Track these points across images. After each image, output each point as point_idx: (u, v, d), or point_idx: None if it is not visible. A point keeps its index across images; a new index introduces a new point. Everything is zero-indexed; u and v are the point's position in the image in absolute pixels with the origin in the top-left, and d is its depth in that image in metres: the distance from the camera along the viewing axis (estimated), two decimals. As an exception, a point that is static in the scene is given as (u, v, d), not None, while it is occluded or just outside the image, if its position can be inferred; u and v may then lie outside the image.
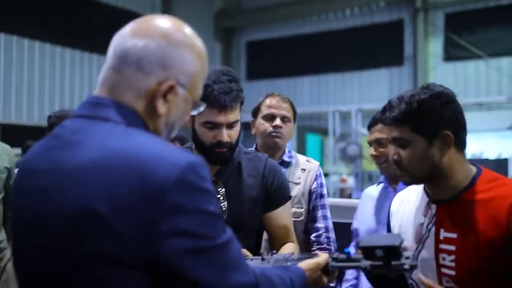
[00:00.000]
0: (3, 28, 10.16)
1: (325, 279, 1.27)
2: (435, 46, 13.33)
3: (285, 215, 1.73)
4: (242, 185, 1.67)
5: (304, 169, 2.26)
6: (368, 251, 1.17)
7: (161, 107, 0.95)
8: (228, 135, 1.59)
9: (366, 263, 1.18)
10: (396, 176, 1.69)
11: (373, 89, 13.83)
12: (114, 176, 0.83)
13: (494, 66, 12.41)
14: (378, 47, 13.59)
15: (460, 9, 12.84)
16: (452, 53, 13.00)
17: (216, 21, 15.88)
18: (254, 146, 2.28)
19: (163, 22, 0.98)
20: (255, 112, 2.26)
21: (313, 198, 2.24)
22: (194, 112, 1.08)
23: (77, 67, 11.38)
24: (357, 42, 13.79)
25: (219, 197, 1.64)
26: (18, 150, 8.62)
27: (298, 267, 1.19)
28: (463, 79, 12.86)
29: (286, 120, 2.22)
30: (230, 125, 1.59)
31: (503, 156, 7.99)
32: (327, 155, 10.64)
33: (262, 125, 2.20)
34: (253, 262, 1.35)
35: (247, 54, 16.24)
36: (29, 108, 10.55)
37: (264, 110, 2.22)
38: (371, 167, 9.38)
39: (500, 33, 12.26)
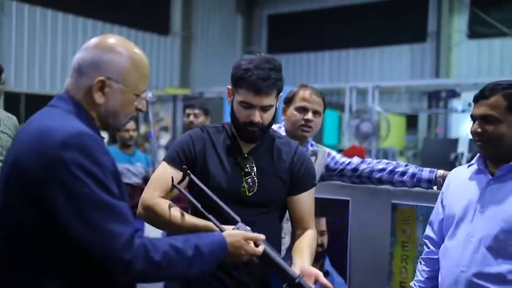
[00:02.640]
0: (38, 3, 10.38)
1: (249, 248, 1.44)
2: (459, 22, 13.01)
3: (308, 201, 1.84)
4: (272, 165, 1.80)
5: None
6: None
7: (99, 98, 1.31)
8: (260, 117, 1.71)
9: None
10: (499, 159, 1.71)
11: (393, 66, 13.65)
12: (31, 140, 1.22)
13: (520, 44, 12.10)
14: (400, 22, 13.33)
15: (487, -16, 12.48)
16: (477, 30, 12.68)
17: (238, -7, 15.79)
18: (282, 128, 2.36)
19: (99, 37, 1.35)
20: (288, 101, 2.34)
21: (334, 164, 2.38)
22: (143, 101, 1.37)
23: (99, 39, 11.56)
24: (380, 17, 13.56)
25: (250, 172, 1.76)
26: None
27: (218, 233, 1.44)
28: (487, 57, 12.57)
29: (316, 114, 2.31)
30: (263, 108, 1.71)
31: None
32: (344, 132, 10.66)
33: (294, 116, 2.29)
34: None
35: (268, 27, 16.13)
36: (52, 78, 10.80)
37: (298, 102, 2.30)
38: (384, 144, 9.38)
39: (528, 10, 11.90)
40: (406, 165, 2.28)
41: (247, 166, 1.77)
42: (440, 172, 2.19)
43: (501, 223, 1.65)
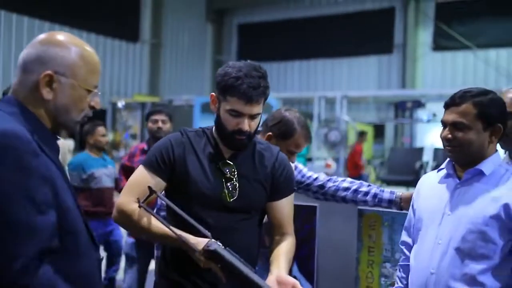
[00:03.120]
0: (4, 6, 10.19)
1: None
2: (424, 35, 13.40)
3: (288, 207, 1.84)
4: (253, 171, 1.78)
5: None
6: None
7: (47, 94, 1.24)
8: (248, 125, 1.70)
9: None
10: (467, 163, 1.77)
11: (361, 76, 13.92)
12: None
13: (481, 57, 12.52)
14: (368, 34, 13.64)
15: (451, -1, 12.92)
16: (441, 43, 13.09)
17: (208, 2, 15.80)
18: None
19: (46, 34, 1.29)
20: (282, 135, 2.25)
21: (301, 177, 2.37)
22: (96, 98, 1.30)
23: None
24: (348, 28, 13.83)
25: (231, 177, 1.74)
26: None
27: None
28: (451, 69, 12.97)
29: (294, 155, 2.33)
30: (252, 117, 1.70)
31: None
32: (313, 140, 10.78)
33: (283, 147, 2.18)
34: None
35: (238, 36, 16.21)
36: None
37: (292, 145, 2.25)
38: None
39: (489, 24, 12.35)
40: (369, 185, 2.32)
41: (229, 171, 1.75)
42: (399, 193, 2.26)
43: (467, 225, 1.70)
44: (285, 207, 1.83)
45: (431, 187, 1.88)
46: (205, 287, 1.70)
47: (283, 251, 1.75)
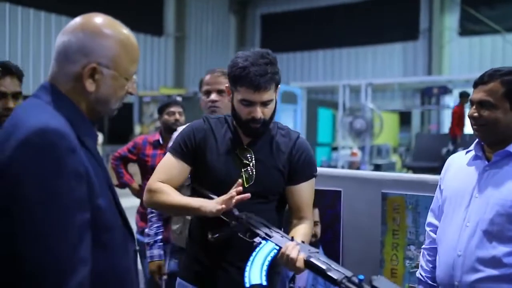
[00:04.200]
0: (32, 5, 10.40)
1: None
2: (451, 20, 13.13)
3: (306, 191, 1.85)
4: (270, 157, 1.82)
5: None
6: None
7: (90, 86, 1.22)
8: (262, 112, 1.74)
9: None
10: (494, 143, 1.76)
11: (386, 64, 13.75)
12: (6, 133, 1.11)
13: (511, 41, 12.21)
14: (393, 20, 13.45)
15: (478, -18, 12.61)
16: (468, 27, 12.80)
17: (231, -7, 15.84)
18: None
19: (83, 18, 1.26)
20: (200, 89, 2.44)
21: None
22: (134, 85, 1.31)
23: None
24: (372, 15, 13.65)
25: (248, 163, 1.80)
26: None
27: None
28: (479, 54, 12.69)
29: (223, 93, 2.33)
30: (264, 104, 1.74)
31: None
32: (338, 129, 10.74)
33: (202, 101, 2.36)
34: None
35: (261, 26, 16.20)
36: (35, 78, 10.84)
37: (203, 87, 2.38)
38: (378, 141, 9.46)
39: (518, 7, 12.03)
40: None
41: (246, 157, 1.80)
42: None
43: (496, 207, 1.69)
44: (304, 191, 1.85)
45: (459, 169, 1.87)
46: (225, 266, 1.77)
47: (300, 234, 1.77)
